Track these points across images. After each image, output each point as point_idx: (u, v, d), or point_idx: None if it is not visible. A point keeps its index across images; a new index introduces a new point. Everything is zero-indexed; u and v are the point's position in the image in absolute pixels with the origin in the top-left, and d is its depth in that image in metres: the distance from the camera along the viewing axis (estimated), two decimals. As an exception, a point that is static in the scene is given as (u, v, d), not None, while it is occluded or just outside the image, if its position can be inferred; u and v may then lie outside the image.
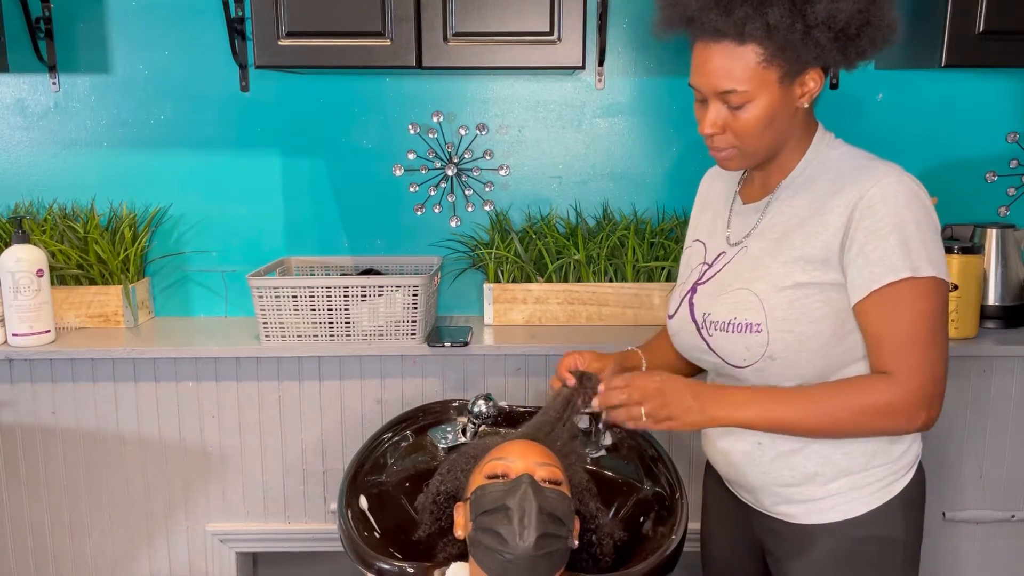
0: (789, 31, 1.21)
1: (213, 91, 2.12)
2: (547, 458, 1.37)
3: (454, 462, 1.46)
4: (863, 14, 1.22)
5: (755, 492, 1.42)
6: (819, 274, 1.29)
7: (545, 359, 1.98)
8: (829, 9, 1.20)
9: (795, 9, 1.20)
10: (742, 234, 1.39)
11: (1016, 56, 1.80)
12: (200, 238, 2.20)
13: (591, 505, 1.42)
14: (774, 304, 1.30)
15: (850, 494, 1.34)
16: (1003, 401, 1.95)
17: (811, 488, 1.35)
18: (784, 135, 1.32)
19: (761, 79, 1.25)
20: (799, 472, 1.35)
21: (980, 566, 2.02)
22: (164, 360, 1.98)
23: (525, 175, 2.18)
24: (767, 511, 1.41)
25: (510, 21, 1.80)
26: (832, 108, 2.11)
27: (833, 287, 1.29)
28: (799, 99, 1.29)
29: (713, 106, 1.29)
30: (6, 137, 2.15)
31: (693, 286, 1.44)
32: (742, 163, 1.35)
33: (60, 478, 2.03)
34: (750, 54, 1.23)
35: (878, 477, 1.34)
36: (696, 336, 1.40)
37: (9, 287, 1.92)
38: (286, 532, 2.06)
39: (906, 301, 1.24)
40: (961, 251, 1.92)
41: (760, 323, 1.30)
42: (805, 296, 1.29)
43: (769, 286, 1.31)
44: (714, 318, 1.36)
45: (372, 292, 1.94)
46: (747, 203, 1.42)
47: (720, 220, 1.46)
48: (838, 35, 1.23)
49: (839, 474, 1.34)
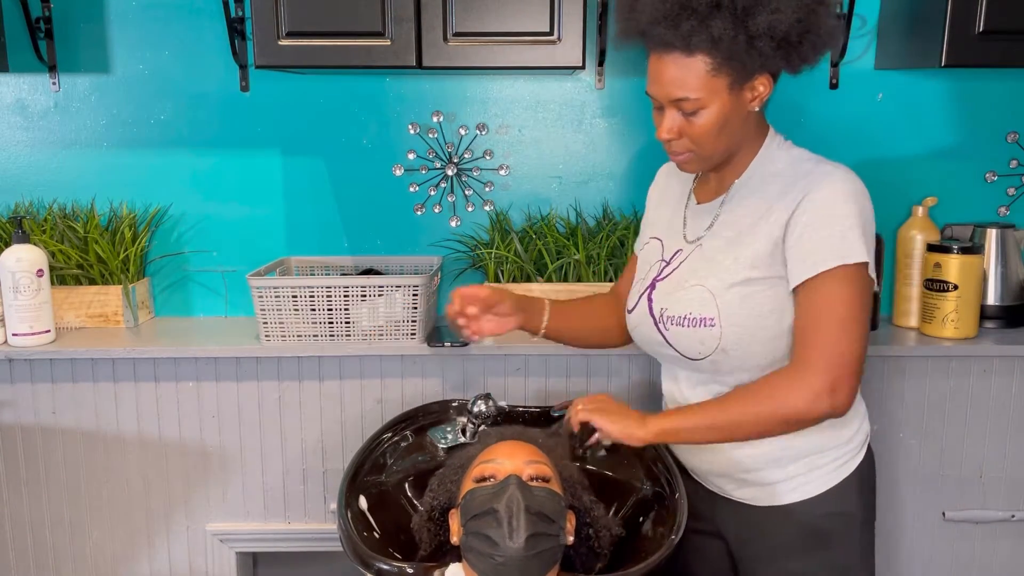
0: (733, 42, 1.28)
1: (213, 91, 2.12)
2: (535, 456, 1.37)
3: (443, 476, 1.47)
4: (802, 23, 1.29)
5: (719, 478, 1.51)
6: (767, 269, 1.37)
7: (545, 359, 1.98)
8: (769, 20, 1.27)
9: (737, 21, 1.28)
10: (697, 232, 1.47)
11: (1016, 56, 1.80)
12: (200, 238, 2.20)
13: (584, 499, 1.42)
14: (726, 300, 1.38)
15: (809, 475, 1.44)
16: (1003, 401, 1.95)
17: (771, 471, 1.44)
18: (738, 138, 1.40)
19: (711, 87, 1.32)
20: (759, 458, 1.44)
21: (980, 566, 2.02)
22: (164, 360, 1.98)
23: (525, 175, 2.18)
24: (730, 495, 1.51)
25: (510, 21, 1.80)
26: (832, 108, 2.11)
27: (780, 281, 1.37)
28: (750, 103, 1.36)
29: (668, 113, 1.37)
30: (6, 137, 2.15)
31: (652, 282, 1.52)
32: (700, 166, 1.43)
33: (60, 478, 2.03)
34: (699, 63, 1.31)
35: (834, 457, 1.44)
36: (654, 330, 1.49)
37: (9, 287, 1.92)
38: (286, 532, 2.06)
39: (831, 288, 1.32)
40: (961, 251, 1.92)
41: (713, 317, 1.39)
42: (754, 291, 1.38)
43: (721, 282, 1.39)
44: (670, 313, 1.45)
45: (372, 292, 1.94)
46: (701, 203, 1.50)
47: (677, 218, 1.54)
48: (780, 43, 1.30)
49: (797, 456, 1.43)
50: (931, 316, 1.96)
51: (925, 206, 2.05)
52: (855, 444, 1.46)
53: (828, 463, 1.44)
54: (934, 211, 2.08)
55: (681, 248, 1.49)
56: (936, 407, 1.95)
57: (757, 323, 1.38)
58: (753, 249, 1.38)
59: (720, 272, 1.40)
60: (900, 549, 2.01)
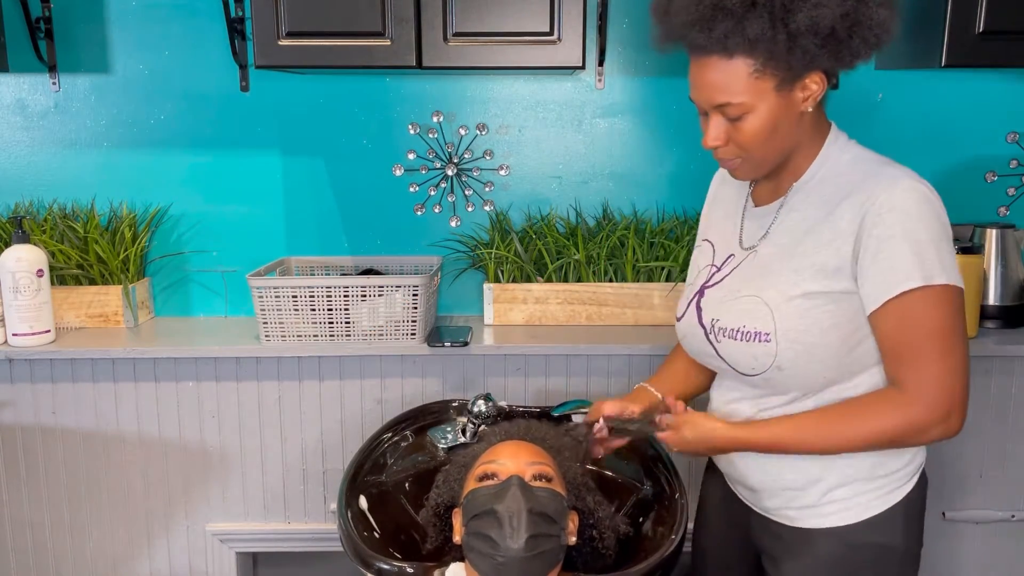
0: (772, 42, 1.20)
1: (213, 91, 2.12)
2: (538, 456, 1.37)
3: (448, 472, 1.47)
4: (849, 17, 1.21)
5: (756, 493, 1.42)
6: (831, 283, 1.27)
7: (545, 359, 1.98)
8: (811, 16, 1.19)
9: (776, 19, 1.19)
10: (755, 238, 1.38)
11: (1016, 56, 1.80)
12: (200, 238, 2.20)
13: (589, 499, 1.41)
14: (784, 313, 1.28)
15: (852, 500, 1.33)
16: (1003, 401, 1.95)
17: (812, 493, 1.35)
18: (792, 140, 1.30)
19: (756, 89, 1.24)
20: (802, 476, 1.35)
21: (980, 566, 2.02)
22: (164, 360, 1.98)
23: (525, 175, 2.18)
24: (766, 512, 1.41)
25: (510, 21, 1.80)
26: (832, 108, 2.10)
27: (845, 296, 1.27)
28: (802, 103, 1.28)
29: (713, 119, 1.29)
30: (6, 137, 2.15)
31: (701, 289, 1.43)
32: (753, 172, 1.34)
33: (60, 478, 2.03)
34: (740, 66, 1.23)
35: (880, 485, 1.33)
36: (704, 342, 1.39)
37: (9, 287, 1.92)
38: (286, 532, 2.06)
39: (919, 311, 1.22)
40: (961, 251, 1.92)
41: (769, 333, 1.29)
42: (815, 306, 1.27)
43: (779, 294, 1.29)
44: (722, 324, 1.35)
45: (372, 292, 1.94)
46: (759, 206, 1.40)
47: (731, 221, 1.44)
48: (826, 40, 1.22)
49: (842, 481, 1.33)
50: (931, 316, 1.96)
51: (925, 206, 2.05)
52: (907, 472, 1.35)
53: (873, 489, 1.33)
54: (934, 211, 2.08)
55: (734, 254, 1.40)
56: (936, 407, 1.95)
57: (817, 340, 1.27)
58: (815, 260, 1.28)
59: (778, 283, 1.30)
60: (900, 549, 2.01)
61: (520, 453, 1.36)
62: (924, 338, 1.23)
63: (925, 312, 1.22)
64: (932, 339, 1.23)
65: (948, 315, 1.23)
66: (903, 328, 1.23)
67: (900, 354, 1.25)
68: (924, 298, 1.22)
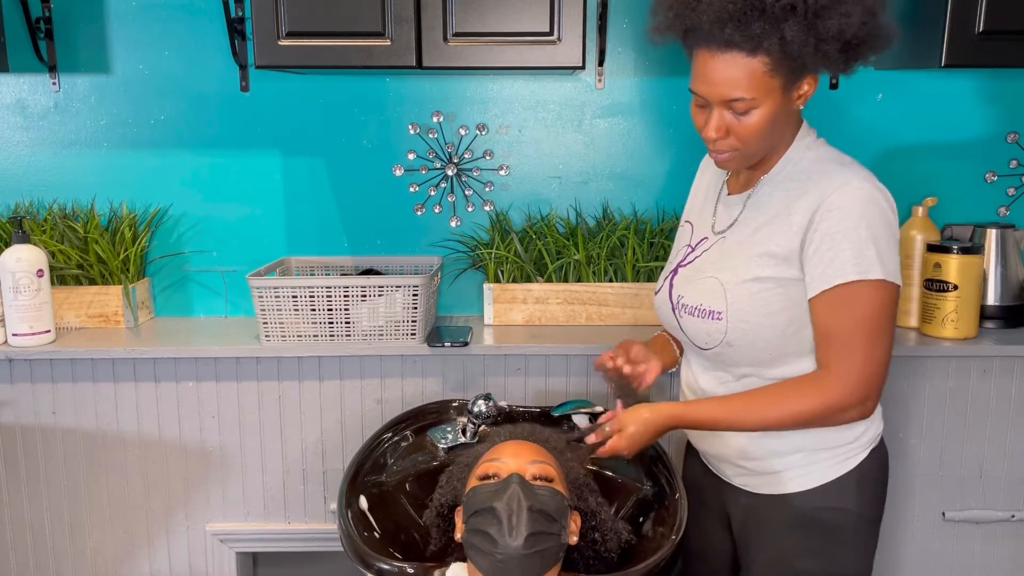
0: (803, 45, 1.26)
1: (213, 91, 2.12)
2: (540, 456, 1.37)
3: (450, 472, 1.48)
4: (866, 25, 1.28)
5: (721, 463, 1.54)
6: (780, 270, 1.37)
7: (545, 359, 1.98)
8: (840, 24, 1.26)
9: (808, 24, 1.26)
10: (725, 224, 1.48)
11: (1016, 56, 1.80)
12: (200, 238, 2.20)
13: (591, 501, 1.42)
14: (736, 295, 1.39)
15: (807, 467, 1.44)
16: (1003, 401, 1.95)
17: (771, 461, 1.46)
18: (779, 136, 1.39)
19: (767, 87, 1.30)
20: (761, 447, 1.46)
21: (980, 566, 2.02)
22: (164, 360, 1.98)
23: (525, 175, 2.18)
24: (731, 480, 1.54)
25: (510, 21, 1.80)
26: (832, 108, 2.11)
27: (792, 283, 1.37)
28: (796, 102, 1.35)
29: (717, 112, 1.34)
30: (6, 137, 2.15)
31: (675, 267, 1.54)
32: (741, 164, 1.42)
33: (60, 478, 2.03)
34: (758, 64, 1.29)
35: (835, 454, 1.44)
36: (671, 315, 1.52)
37: (9, 287, 1.92)
38: (286, 532, 2.06)
39: (852, 302, 1.32)
40: (961, 251, 1.92)
41: (721, 311, 1.41)
42: (764, 289, 1.38)
43: (733, 277, 1.40)
44: (685, 301, 1.48)
45: (372, 292, 1.94)
46: (731, 194, 1.50)
47: (708, 206, 1.55)
48: (844, 46, 1.29)
49: (797, 448, 1.44)
50: (931, 316, 1.96)
51: (925, 206, 2.05)
52: (861, 443, 1.46)
53: (827, 458, 1.44)
54: (934, 211, 2.08)
55: (707, 237, 1.51)
56: (936, 407, 1.95)
57: (764, 321, 1.38)
58: (768, 248, 1.38)
59: (735, 267, 1.41)
60: (900, 549, 2.01)
61: (522, 452, 1.37)
62: (853, 327, 1.33)
63: (857, 303, 1.32)
64: (860, 328, 1.33)
65: (879, 308, 1.33)
66: (835, 316, 1.34)
67: (830, 340, 1.35)
68: (858, 291, 1.32)
